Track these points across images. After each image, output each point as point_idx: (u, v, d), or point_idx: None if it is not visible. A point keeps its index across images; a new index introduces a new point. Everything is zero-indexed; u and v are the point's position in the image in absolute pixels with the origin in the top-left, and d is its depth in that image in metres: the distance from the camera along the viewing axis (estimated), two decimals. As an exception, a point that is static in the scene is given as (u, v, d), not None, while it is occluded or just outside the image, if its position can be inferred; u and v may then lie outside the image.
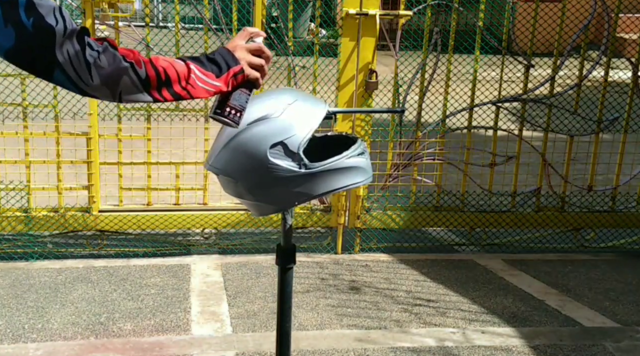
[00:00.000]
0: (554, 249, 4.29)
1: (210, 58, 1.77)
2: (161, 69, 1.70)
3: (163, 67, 1.71)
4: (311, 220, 4.04)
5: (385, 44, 3.95)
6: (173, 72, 1.72)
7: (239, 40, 1.82)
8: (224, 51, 1.79)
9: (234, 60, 1.78)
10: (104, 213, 3.88)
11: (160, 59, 1.72)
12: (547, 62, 4.26)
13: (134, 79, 1.65)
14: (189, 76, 1.73)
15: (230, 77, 1.76)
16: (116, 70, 1.63)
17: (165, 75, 1.70)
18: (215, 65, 1.76)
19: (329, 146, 1.88)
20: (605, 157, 4.24)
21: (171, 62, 1.73)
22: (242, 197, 1.88)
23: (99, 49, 1.62)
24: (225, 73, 1.76)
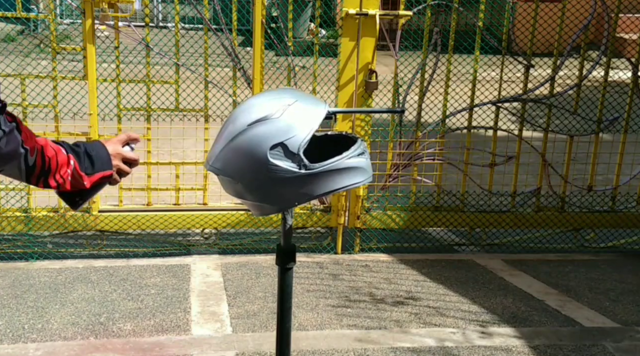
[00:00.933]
0: (554, 249, 4.29)
1: (89, 153, 1.83)
2: (47, 159, 1.75)
3: (49, 157, 1.75)
4: (311, 220, 4.04)
5: (385, 44, 3.95)
6: (54, 163, 1.77)
7: (118, 145, 1.89)
8: (104, 153, 1.86)
9: (108, 165, 1.86)
10: (103, 213, 3.88)
11: (50, 146, 1.76)
12: (547, 62, 4.26)
13: (22, 166, 1.70)
14: (66, 169, 1.78)
15: (97, 179, 1.84)
16: (10, 153, 1.67)
17: (49, 166, 1.75)
18: (90, 163, 1.83)
19: (328, 146, 1.88)
20: (605, 157, 4.24)
21: (57, 151, 1.77)
22: (242, 197, 1.88)
23: (5, 128, 1.64)
24: (96, 174, 1.84)
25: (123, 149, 1.92)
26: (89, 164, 1.84)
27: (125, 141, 1.94)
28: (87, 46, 3.63)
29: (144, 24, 3.87)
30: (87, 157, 1.85)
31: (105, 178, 1.87)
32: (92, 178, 1.84)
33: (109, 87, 3.88)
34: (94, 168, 1.84)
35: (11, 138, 1.66)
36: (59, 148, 1.80)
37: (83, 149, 1.85)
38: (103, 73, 3.94)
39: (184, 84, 3.94)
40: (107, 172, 1.86)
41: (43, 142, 1.75)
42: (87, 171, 1.83)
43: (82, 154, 1.84)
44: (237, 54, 3.83)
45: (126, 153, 1.91)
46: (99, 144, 1.88)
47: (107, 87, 3.87)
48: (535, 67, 4.04)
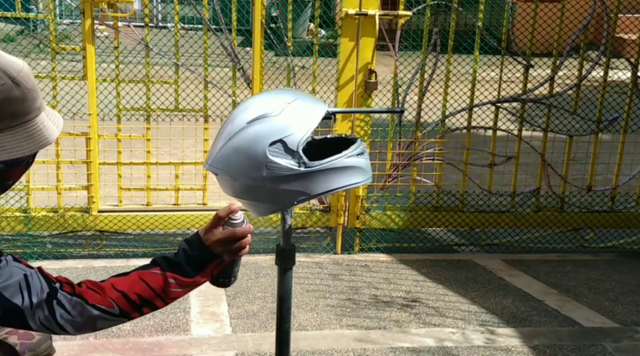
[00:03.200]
0: (553, 249, 4.30)
1: (191, 259, 1.80)
2: (135, 297, 1.76)
3: (137, 293, 1.76)
4: (311, 220, 4.04)
5: (384, 44, 3.95)
6: (149, 294, 1.77)
7: (213, 230, 1.82)
8: (199, 250, 1.80)
9: (211, 258, 1.81)
10: (103, 213, 3.88)
11: (137, 281, 1.77)
12: (547, 62, 4.26)
13: (108, 319, 1.75)
14: (167, 289, 1.78)
15: (210, 271, 1.82)
16: (88, 321, 1.73)
17: (141, 299, 1.77)
18: (196, 265, 1.80)
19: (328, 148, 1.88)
20: (604, 157, 4.25)
21: (147, 281, 1.77)
22: (241, 197, 1.88)
23: (68, 307, 1.71)
24: (206, 270, 1.81)
25: (219, 232, 1.81)
26: (193, 268, 1.81)
27: (219, 222, 1.83)
28: (87, 46, 3.63)
29: (144, 24, 3.87)
30: (186, 260, 1.81)
31: (218, 265, 1.83)
32: (206, 273, 1.82)
33: (108, 87, 3.88)
34: (200, 266, 1.81)
35: (77, 307, 1.72)
36: (150, 273, 1.79)
37: (183, 255, 1.81)
38: (103, 73, 3.94)
39: (184, 84, 3.94)
40: (215, 262, 1.82)
41: (126, 283, 1.77)
42: (195, 275, 1.81)
43: (183, 260, 1.81)
44: (236, 54, 3.83)
45: (224, 236, 1.81)
46: (193, 241, 1.82)
47: (107, 87, 3.87)
48: (535, 67, 4.04)
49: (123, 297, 1.75)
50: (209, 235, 1.82)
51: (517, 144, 4.11)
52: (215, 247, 1.80)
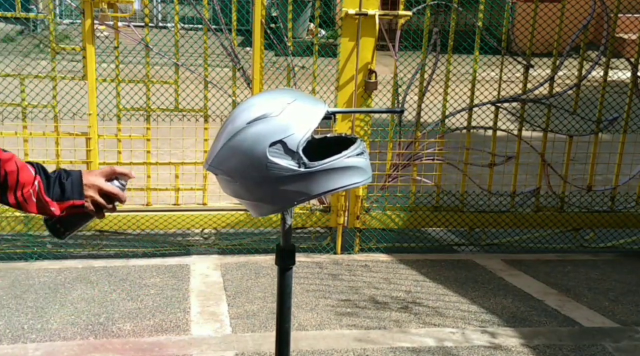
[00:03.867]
0: (553, 249, 4.30)
1: (61, 181, 1.81)
2: (3, 172, 1.75)
3: (8, 171, 1.75)
4: (310, 220, 4.04)
5: (384, 44, 3.95)
6: (13, 178, 1.76)
7: (99, 177, 1.85)
8: (77, 181, 1.82)
9: (79, 194, 1.81)
10: (103, 213, 3.88)
11: (15, 161, 1.76)
12: (547, 62, 4.26)
13: None
14: (29, 188, 1.77)
15: (67, 206, 1.80)
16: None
17: (5, 179, 1.75)
18: (60, 190, 1.80)
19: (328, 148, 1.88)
20: (604, 157, 4.25)
21: (22, 168, 1.77)
22: (241, 197, 1.88)
23: None
24: (65, 202, 1.80)
25: (103, 182, 1.85)
26: (58, 190, 1.81)
27: (111, 174, 1.88)
28: (87, 46, 3.63)
29: (144, 24, 3.87)
30: (59, 183, 1.82)
31: (77, 207, 1.82)
32: (62, 205, 1.81)
33: (108, 87, 3.88)
34: (63, 195, 1.81)
35: None
36: (26, 166, 1.79)
37: (56, 175, 1.82)
38: (102, 73, 3.94)
39: (184, 84, 3.94)
40: (77, 201, 1.82)
41: (7, 157, 1.75)
42: (55, 197, 1.80)
43: (54, 180, 1.81)
44: (236, 54, 3.83)
45: (105, 187, 1.85)
46: (76, 173, 1.83)
47: (107, 87, 3.87)
48: (535, 67, 4.04)
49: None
50: (91, 177, 1.84)
51: (517, 144, 4.11)
52: (87, 189, 1.83)
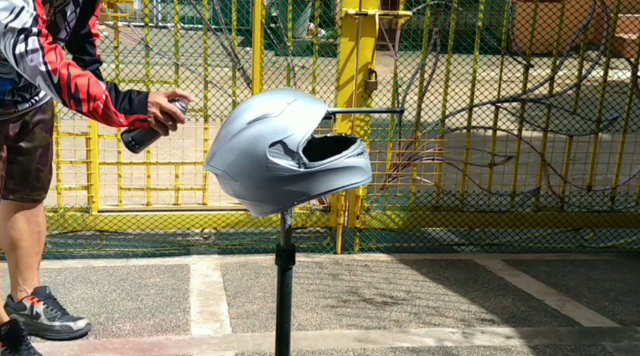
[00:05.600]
0: (553, 249, 4.30)
1: (130, 97, 2.15)
2: (73, 85, 2.12)
3: (78, 84, 2.13)
4: (310, 220, 4.04)
5: (384, 44, 3.95)
6: (84, 92, 2.13)
7: (162, 96, 2.17)
8: (143, 98, 2.15)
9: (144, 109, 2.14)
10: (103, 213, 3.88)
11: (85, 77, 2.15)
12: (547, 62, 4.26)
13: (45, 81, 2.12)
14: (97, 100, 2.13)
15: (133, 119, 2.15)
16: (33, 70, 2.11)
17: (76, 90, 2.13)
18: (128, 104, 2.14)
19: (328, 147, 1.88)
20: (604, 157, 4.25)
21: (93, 84, 2.14)
22: (241, 197, 1.88)
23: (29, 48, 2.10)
24: (132, 115, 2.15)
25: (165, 101, 2.15)
26: (127, 105, 2.14)
27: (172, 96, 2.17)
28: (87, 46, 3.63)
29: (144, 23, 3.87)
30: (129, 99, 2.14)
31: (141, 121, 2.14)
32: (129, 118, 2.14)
33: (108, 87, 3.87)
34: (131, 108, 2.14)
35: (34, 56, 2.10)
36: (98, 82, 2.15)
37: (127, 92, 2.16)
38: (102, 73, 3.93)
39: (184, 84, 3.94)
40: (141, 115, 2.13)
41: (80, 73, 2.13)
42: (123, 110, 2.14)
43: (123, 95, 2.15)
44: (236, 54, 3.83)
45: (166, 105, 2.15)
46: (144, 93, 2.16)
47: (107, 87, 3.87)
48: (535, 67, 4.04)
49: (67, 77, 2.11)
50: (155, 96, 2.15)
51: (517, 144, 4.11)
52: (151, 106, 2.14)
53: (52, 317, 3.01)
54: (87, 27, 2.70)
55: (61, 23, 2.42)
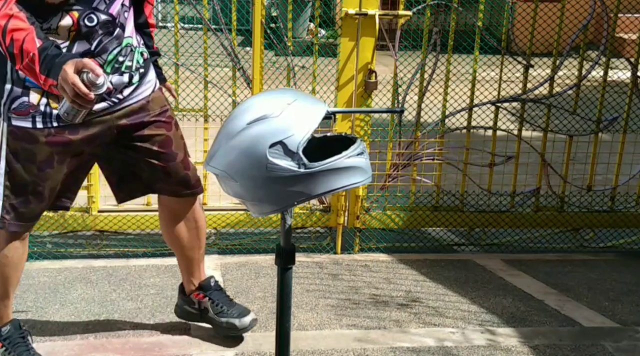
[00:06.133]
0: (553, 249, 4.30)
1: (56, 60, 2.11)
2: (9, 38, 2.11)
3: (14, 38, 2.12)
4: (310, 220, 4.04)
5: (384, 44, 3.95)
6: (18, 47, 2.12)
7: (71, 65, 2.08)
8: (60, 64, 2.09)
9: (55, 75, 2.09)
10: (103, 213, 3.88)
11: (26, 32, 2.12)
12: (547, 62, 4.26)
13: None
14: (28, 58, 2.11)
15: (49, 84, 2.12)
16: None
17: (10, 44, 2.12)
18: (50, 66, 2.10)
19: (328, 147, 1.88)
20: (604, 157, 4.25)
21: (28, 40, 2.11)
22: (241, 197, 1.89)
23: None
24: (47, 79, 2.12)
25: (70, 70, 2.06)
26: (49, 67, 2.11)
27: (80, 66, 2.07)
28: (87, 46, 3.63)
29: (144, 24, 3.86)
30: (54, 61, 2.11)
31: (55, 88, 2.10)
32: (47, 82, 2.11)
33: (108, 87, 3.87)
34: (49, 72, 2.10)
35: None
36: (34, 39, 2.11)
37: (61, 54, 2.13)
38: (102, 73, 3.93)
39: (184, 83, 3.94)
40: (52, 81, 2.10)
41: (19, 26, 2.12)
42: (46, 72, 2.10)
43: (53, 56, 2.12)
44: (236, 54, 3.83)
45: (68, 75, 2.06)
46: (68, 57, 2.11)
47: (107, 87, 3.87)
48: (535, 67, 4.04)
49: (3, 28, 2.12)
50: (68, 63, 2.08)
51: (517, 144, 4.11)
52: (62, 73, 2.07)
53: (219, 313, 3.01)
54: (142, 16, 2.65)
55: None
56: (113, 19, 2.40)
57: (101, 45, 2.41)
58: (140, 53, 2.60)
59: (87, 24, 2.34)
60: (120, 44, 2.47)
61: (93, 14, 2.35)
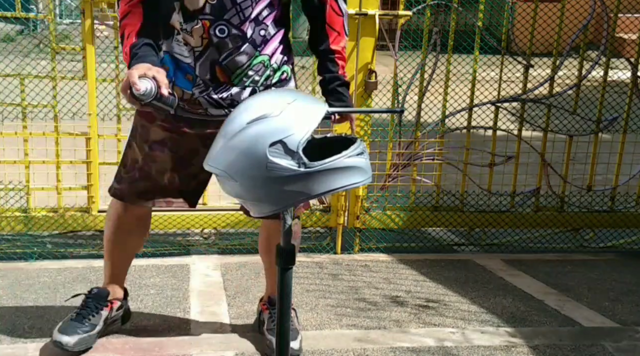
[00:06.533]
0: (553, 249, 4.30)
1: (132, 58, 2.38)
2: (121, 32, 2.46)
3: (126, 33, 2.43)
4: (310, 220, 4.04)
5: (384, 44, 3.95)
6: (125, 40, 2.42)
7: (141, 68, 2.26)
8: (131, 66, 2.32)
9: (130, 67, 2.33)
10: (103, 213, 3.87)
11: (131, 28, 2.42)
12: (547, 62, 4.26)
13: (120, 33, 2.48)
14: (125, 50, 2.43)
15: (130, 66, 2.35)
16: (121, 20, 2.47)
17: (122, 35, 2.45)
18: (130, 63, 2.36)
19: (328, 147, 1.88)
20: (604, 157, 4.25)
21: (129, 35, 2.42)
22: (241, 196, 1.89)
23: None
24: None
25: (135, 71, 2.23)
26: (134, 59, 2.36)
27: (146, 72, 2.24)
28: (87, 46, 3.63)
29: (144, 24, 3.86)
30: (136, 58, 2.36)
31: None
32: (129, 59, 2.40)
33: (108, 87, 3.88)
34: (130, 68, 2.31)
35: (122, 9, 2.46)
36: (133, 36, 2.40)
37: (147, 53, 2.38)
38: (102, 73, 3.94)
39: (184, 84, 3.92)
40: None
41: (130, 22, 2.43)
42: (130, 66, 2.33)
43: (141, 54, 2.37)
44: (236, 54, 3.82)
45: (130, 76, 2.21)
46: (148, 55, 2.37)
47: (107, 87, 3.88)
48: (535, 67, 4.04)
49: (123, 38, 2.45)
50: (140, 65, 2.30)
51: (517, 144, 4.11)
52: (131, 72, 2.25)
53: (269, 329, 2.97)
54: (324, 42, 2.68)
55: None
56: (243, 34, 2.50)
57: (230, 58, 2.52)
58: (281, 71, 2.67)
59: (217, 34, 2.47)
60: (251, 60, 2.55)
61: (224, 25, 2.47)
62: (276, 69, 2.65)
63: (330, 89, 2.70)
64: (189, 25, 2.47)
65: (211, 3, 2.44)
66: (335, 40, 2.71)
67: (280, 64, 2.67)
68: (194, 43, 2.50)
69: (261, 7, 2.52)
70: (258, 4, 2.50)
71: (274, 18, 2.59)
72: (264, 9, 2.53)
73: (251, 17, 2.50)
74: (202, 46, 2.50)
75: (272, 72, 2.64)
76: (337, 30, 2.70)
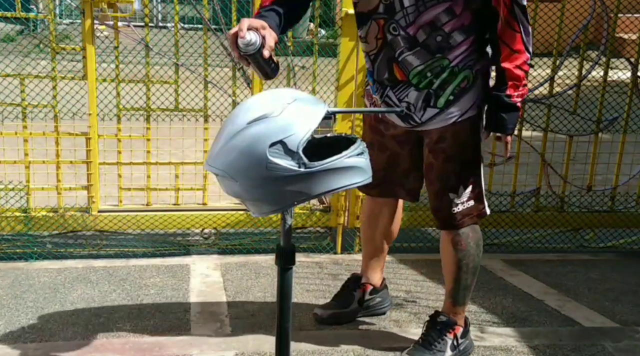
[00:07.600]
0: (553, 249, 4.30)
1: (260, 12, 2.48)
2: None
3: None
4: (311, 220, 4.04)
5: (384, 44, 3.94)
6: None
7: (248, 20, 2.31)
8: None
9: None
10: (103, 213, 3.88)
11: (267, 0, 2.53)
12: (547, 62, 4.26)
13: None
14: None
15: None
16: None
17: None
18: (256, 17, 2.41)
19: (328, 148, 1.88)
20: (604, 157, 4.25)
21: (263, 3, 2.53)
22: (241, 196, 1.89)
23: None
24: None
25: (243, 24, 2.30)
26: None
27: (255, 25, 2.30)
28: (87, 46, 3.63)
29: (144, 23, 3.87)
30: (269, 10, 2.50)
31: None
32: None
33: (108, 87, 3.88)
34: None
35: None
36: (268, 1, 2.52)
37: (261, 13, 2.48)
38: (102, 73, 3.94)
39: (184, 84, 3.94)
40: None
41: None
42: None
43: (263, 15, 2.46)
44: (236, 54, 3.83)
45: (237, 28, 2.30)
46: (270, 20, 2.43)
47: (107, 87, 3.88)
48: (535, 67, 4.04)
49: None
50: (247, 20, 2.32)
51: (517, 144, 4.11)
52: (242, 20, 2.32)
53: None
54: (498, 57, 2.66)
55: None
56: (411, 37, 2.54)
57: (402, 56, 2.57)
58: (462, 77, 2.62)
59: (392, 32, 2.54)
60: (426, 62, 2.58)
61: (396, 24, 2.53)
62: (457, 72, 2.60)
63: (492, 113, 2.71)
64: (362, 31, 2.59)
65: (385, 3, 2.51)
66: (507, 57, 2.62)
67: (463, 68, 2.61)
68: (368, 48, 2.61)
69: (434, 14, 2.50)
70: (429, 11, 2.50)
71: (457, 26, 2.54)
72: (440, 16, 2.51)
73: (420, 22, 2.52)
74: (376, 48, 2.59)
75: (450, 77, 2.60)
76: (511, 45, 2.61)
